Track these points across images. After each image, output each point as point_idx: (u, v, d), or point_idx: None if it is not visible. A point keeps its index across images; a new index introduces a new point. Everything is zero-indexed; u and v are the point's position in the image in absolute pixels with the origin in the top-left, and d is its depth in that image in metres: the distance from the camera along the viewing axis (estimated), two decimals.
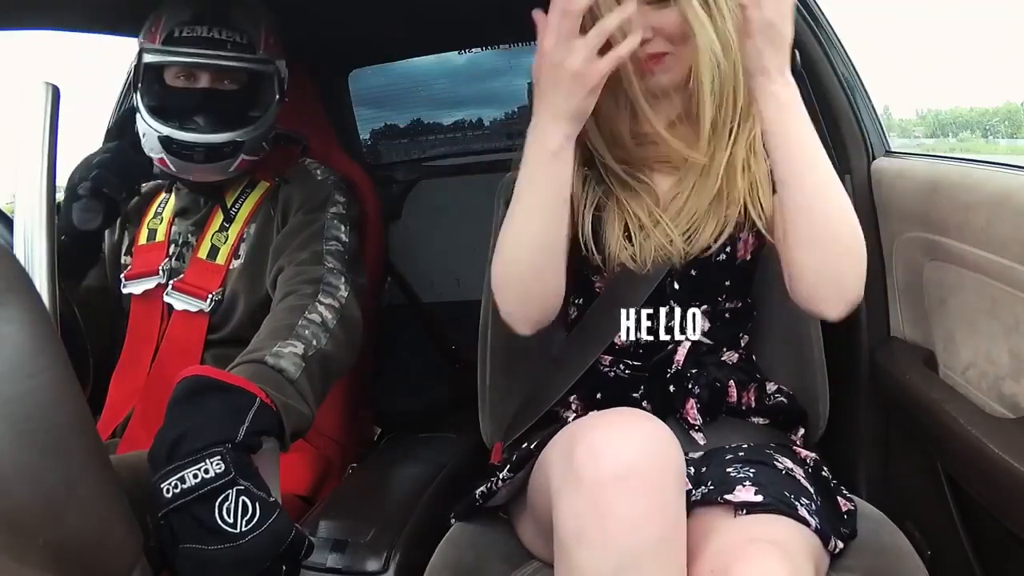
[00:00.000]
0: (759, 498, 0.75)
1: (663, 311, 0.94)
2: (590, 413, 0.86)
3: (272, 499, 0.71)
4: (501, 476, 0.90)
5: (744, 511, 0.74)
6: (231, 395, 0.75)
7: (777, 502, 0.75)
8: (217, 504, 0.68)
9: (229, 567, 0.68)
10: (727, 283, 0.95)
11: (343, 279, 1.02)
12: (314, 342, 0.90)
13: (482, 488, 0.92)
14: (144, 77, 1.10)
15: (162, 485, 0.68)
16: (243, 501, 0.69)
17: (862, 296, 0.83)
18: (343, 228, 1.11)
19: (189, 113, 1.08)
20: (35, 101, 0.66)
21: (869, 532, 0.86)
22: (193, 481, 0.68)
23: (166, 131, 1.07)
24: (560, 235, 0.84)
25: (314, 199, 1.14)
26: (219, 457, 0.69)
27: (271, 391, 0.78)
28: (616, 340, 0.96)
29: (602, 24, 0.74)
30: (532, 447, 0.88)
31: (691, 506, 0.77)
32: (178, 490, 0.68)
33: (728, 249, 0.93)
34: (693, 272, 0.92)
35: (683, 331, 0.94)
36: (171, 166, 1.10)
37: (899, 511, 0.98)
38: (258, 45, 1.11)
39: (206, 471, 0.69)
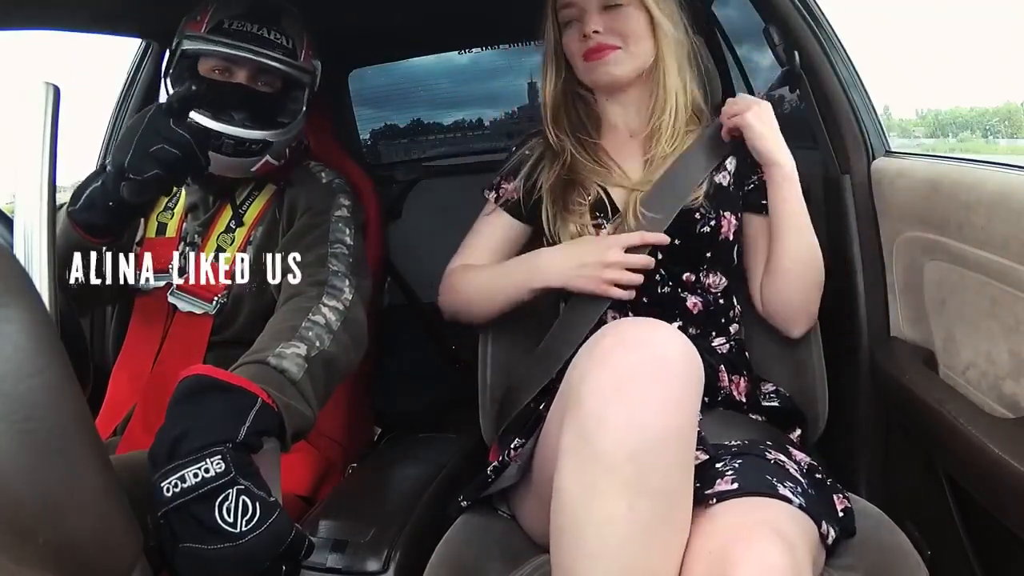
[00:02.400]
0: (734, 486, 0.76)
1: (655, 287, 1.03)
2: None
3: (272, 499, 0.71)
4: (512, 445, 0.91)
5: (714, 500, 0.74)
6: (233, 395, 0.75)
7: (754, 485, 0.76)
8: (217, 504, 0.68)
9: (229, 567, 0.68)
10: (708, 254, 1.03)
11: (347, 282, 1.02)
12: (317, 343, 0.90)
13: (493, 464, 0.92)
14: (178, 65, 1.09)
15: (162, 484, 0.68)
16: (243, 501, 0.69)
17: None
18: (348, 231, 1.11)
19: (222, 106, 1.07)
20: (35, 101, 0.66)
21: (869, 531, 0.86)
22: (193, 480, 0.68)
23: (198, 118, 1.05)
24: (495, 314, 1.09)
25: (319, 202, 1.14)
26: (220, 456, 0.69)
27: (273, 391, 0.78)
28: (605, 318, 1.01)
29: (630, 277, 0.97)
30: (540, 408, 0.89)
31: None
32: (178, 489, 0.68)
33: (713, 223, 1.02)
34: (677, 241, 1.01)
35: (675, 304, 1.03)
36: None
37: (899, 510, 0.98)
38: (300, 53, 1.13)
39: (206, 470, 0.68)
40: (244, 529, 0.68)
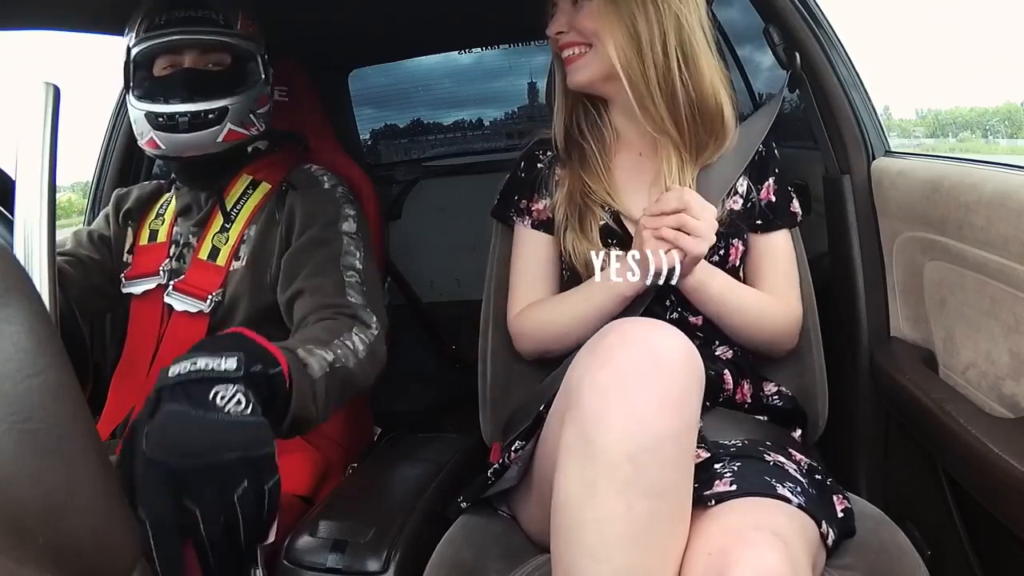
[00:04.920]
0: (732, 487, 0.76)
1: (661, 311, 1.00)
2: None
3: (264, 421, 0.67)
4: (512, 448, 0.91)
5: (712, 502, 0.74)
6: (260, 349, 0.73)
7: (753, 486, 0.76)
8: (215, 390, 0.65)
9: (198, 436, 0.62)
10: None
11: (374, 318, 1.03)
12: (343, 360, 0.90)
13: (494, 467, 0.92)
14: (135, 74, 1.12)
15: (171, 368, 0.66)
16: (240, 397, 0.65)
17: (795, 341, 1.06)
18: (359, 254, 1.11)
19: (174, 93, 1.09)
20: (35, 101, 0.66)
21: (869, 531, 0.86)
22: (203, 366, 0.65)
23: (151, 107, 1.08)
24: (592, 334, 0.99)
25: (324, 213, 1.13)
26: (236, 358, 0.67)
27: (293, 371, 0.77)
28: None
29: (681, 239, 0.88)
30: (541, 409, 0.89)
31: None
32: (184, 371, 0.65)
33: (721, 252, 1.00)
34: None
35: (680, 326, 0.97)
36: (160, 144, 1.10)
37: (899, 510, 0.98)
38: (235, 24, 1.13)
39: (219, 364, 0.66)
40: (232, 412, 0.64)
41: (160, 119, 1.08)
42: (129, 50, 1.11)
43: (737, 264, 1.03)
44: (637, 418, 0.66)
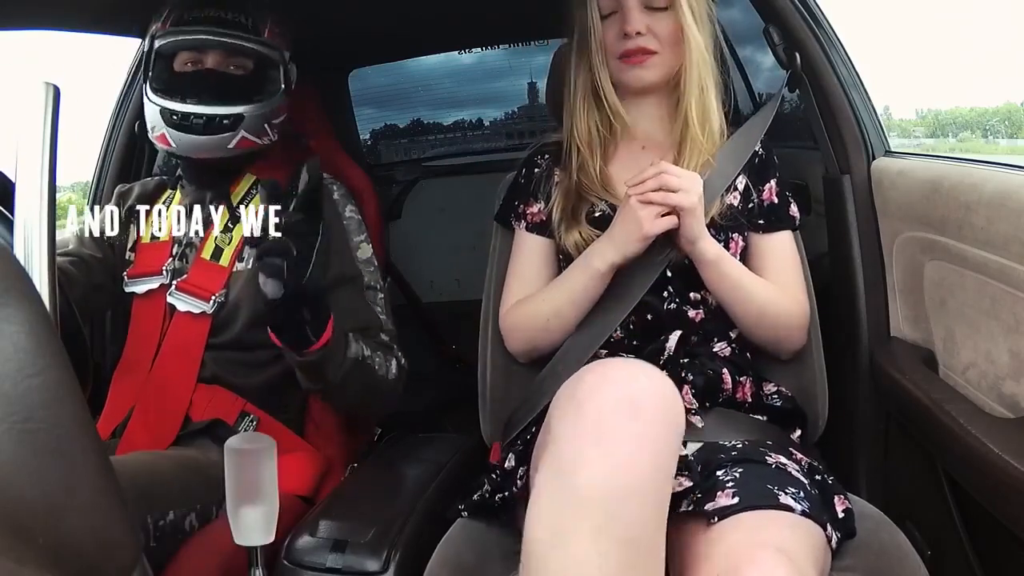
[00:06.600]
0: (735, 500, 0.75)
1: (663, 301, 1.02)
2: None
3: None
4: (518, 475, 0.91)
5: (716, 519, 0.74)
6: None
7: (755, 498, 0.75)
8: None
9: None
10: None
11: (402, 358, 1.14)
12: (377, 365, 1.06)
13: (492, 473, 0.94)
14: (154, 65, 1.12)
15: None
16: None
17: (804, 340, 1.06)
18: (379, 285, 1.16)
19: (195, 92, 1.10)
20: (35, 101, 0.66)
21: (869, 532, 0.86)
22: None
23: (167, 103, 1.09)
24: (577, 322, 1.02)
25: (341, 245, 1.15)
26: None
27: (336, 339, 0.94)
28: (612, 335, 1.01)
29: (669, 197, 0.91)
30: (534, 430, 0.89)
31: (683, 517, 0.78)
32: None
33: (721, 244, 1.00)
34: (687, 261, 0.99)
35: (677, 319, 1.01)
36: (171, 141, 1.10)
37: (899, 511, 0.98)
38: (263, 31, 1.14)
39: None
40: None
41: (175, 117, 1.09)
42: (152, 39, 1.12)
43: (737, 259, 1.03)
44: (613, 463, 0.66)
